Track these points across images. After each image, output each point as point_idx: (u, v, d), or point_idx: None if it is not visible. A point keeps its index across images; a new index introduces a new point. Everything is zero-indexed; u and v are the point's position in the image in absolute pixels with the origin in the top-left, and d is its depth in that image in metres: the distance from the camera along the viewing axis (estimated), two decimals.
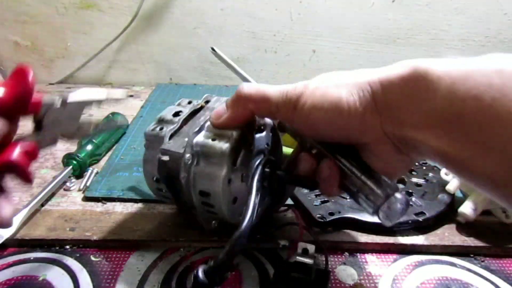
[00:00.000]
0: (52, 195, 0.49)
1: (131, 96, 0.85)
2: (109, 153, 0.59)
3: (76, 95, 0.33)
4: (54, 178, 0.50)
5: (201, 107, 0.43)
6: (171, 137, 0.39)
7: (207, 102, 0.43)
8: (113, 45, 0.87)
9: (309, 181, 0.34)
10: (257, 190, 0.34)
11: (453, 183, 0.48)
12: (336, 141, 0.32)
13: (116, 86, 0.90)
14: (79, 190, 0.51)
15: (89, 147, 0.55)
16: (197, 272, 0.29)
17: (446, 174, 0.50)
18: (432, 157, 0.28)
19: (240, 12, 0.87)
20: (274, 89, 0.33)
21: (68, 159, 0.53)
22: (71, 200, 0.48)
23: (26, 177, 0.29)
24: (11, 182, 0.30)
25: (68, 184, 0.51)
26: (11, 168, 0.29)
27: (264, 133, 0.40)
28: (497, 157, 0.24)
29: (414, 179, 0.53)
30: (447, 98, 0.25)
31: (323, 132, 0.32)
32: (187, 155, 0.36)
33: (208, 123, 0.38)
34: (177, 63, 0.92)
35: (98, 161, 0.57)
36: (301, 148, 0.37)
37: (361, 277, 0.40)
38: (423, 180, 0.53)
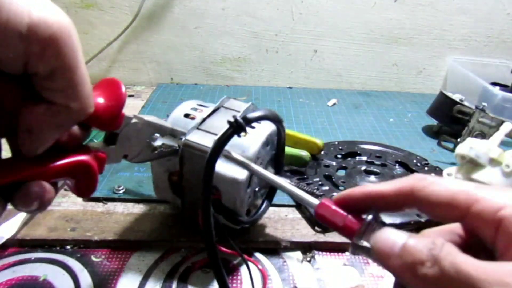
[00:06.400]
0: None
1: (132, 96, 0.86)
2: None
3: (148, 117, 0.33)
4: None
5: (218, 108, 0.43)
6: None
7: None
8: (114, 45, 0.87)
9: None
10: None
11: None
12: None
13: None
14: None
15: None
16: (235, 117, 0.31)
17: (448, 174, 0.50)
18: None
19: (241, 11, 0.86)
20: None
21: None
22: (72, 200, 0.48)
23: (92, 184, 0.26)
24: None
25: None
26: (82, 169, 0.26)
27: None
28: None
29: None
30: None
31: None
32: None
33: None
34: (178, 63, 0.92)
35: None
36: None
37: (362, 278, 0.40)
38: None
